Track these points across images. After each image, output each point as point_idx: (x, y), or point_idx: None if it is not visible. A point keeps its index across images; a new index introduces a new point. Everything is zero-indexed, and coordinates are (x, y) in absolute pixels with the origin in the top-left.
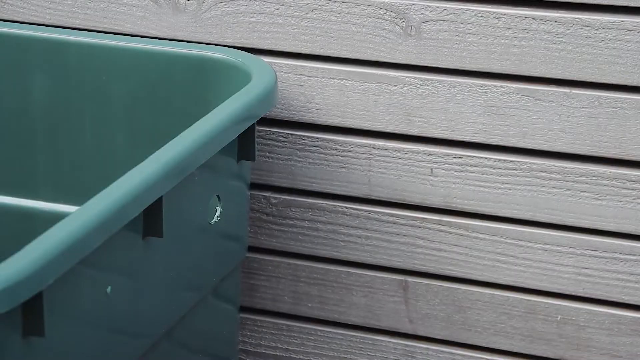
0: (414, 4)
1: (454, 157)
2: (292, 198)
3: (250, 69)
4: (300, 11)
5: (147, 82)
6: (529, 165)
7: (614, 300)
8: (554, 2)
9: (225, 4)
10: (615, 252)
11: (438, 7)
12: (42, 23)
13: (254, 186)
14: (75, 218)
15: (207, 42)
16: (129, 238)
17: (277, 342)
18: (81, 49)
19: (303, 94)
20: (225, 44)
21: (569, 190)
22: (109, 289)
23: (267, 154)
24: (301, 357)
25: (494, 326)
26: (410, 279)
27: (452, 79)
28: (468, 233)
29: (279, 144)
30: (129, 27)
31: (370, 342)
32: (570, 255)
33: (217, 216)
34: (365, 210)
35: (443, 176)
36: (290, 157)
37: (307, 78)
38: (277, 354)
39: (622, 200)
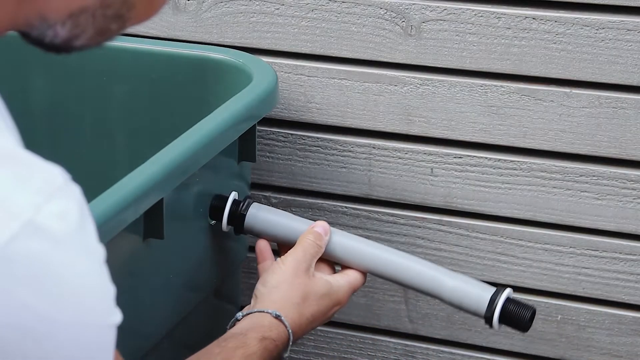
0: (414, 4)
1: (454, 157)
2: (292, 198)
3: (251, 69)
4: (300, 11)
5: (147, 82)
6: (529, 165)
7: (614, 300)
8: (554, 2)
9: (225, 4)
10: (615, 252)
11: (438, 7)
12: None
13: (255, 186)
14: None
15: (207, 42)
16: (130, 240)
17: None
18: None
19: (303, 94)
20: (225, 44)
21: (569, 190)
22: None
23: (268, 154)
24: (301, 357)
25: None
26: None
27: (452, 79)
28: (468, 233)
29: (279, 144)
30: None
31: (370, 342)
32: (570, 255)
33: None
34: (366, 210)
35: (443, 176)
36: (291, 157)
37: (307, 78)
38: None
39: (622, 200)
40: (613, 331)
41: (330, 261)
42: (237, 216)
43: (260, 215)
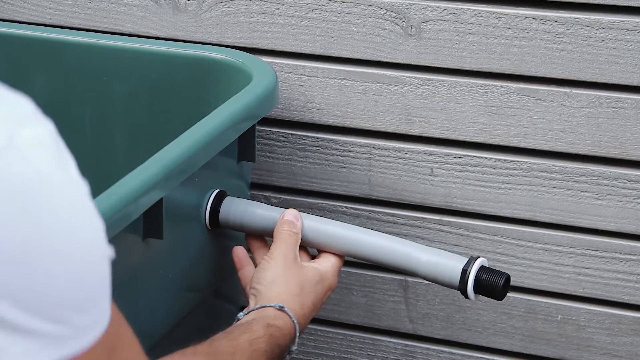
0: (414, 4)
1: (454, 157)
2: (293, 198)
3: (251, 69)
4: (300, 11)
5: (147, 82)
6: (529, 165)
7: (614, 300)
8: (554, 2)
9: (226, 4)
10: (615, 252)
11: (438, 7)
12: (42, 23)
13: (255, 186)
14: None
15: (207, 42)
16: (129, 240)
17: None
18: (81, 49)
19: (303, 94)
20: (225, 44)
21: (569, 190)
22: None
23: (268, 154)
24: (301, 357)
25: (494, 326)
26: (410, 278)
27: (452, 79)
28: (468, 233)
29: (279, 144)
30: (129, 27)
31: (370, 342)
32: (570, 255)
33: None
34: (366, 210)
35: (443, 176)
36: (291, 157)
37: (307, 78)
38: None
39: (622, 200)
40: (613, 331)
41: (304, 246)
42: (211, 212)
43: (233, 208)
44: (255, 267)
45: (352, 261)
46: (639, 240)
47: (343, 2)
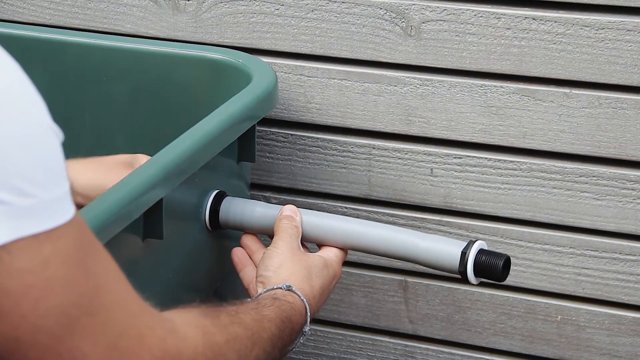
0: (414, 4)
1: (454, 157)
2: (292, 198)
3: (251, 69)
4: (300, 11)
5: (147, 83)
6: (529, 165)
7: (614, 300)
8: (554, 2)
9: (225, 4)
10: (615, 252)
11: (438, 7)
12: (42, 23)
13: (254, 186)
14: None
15: (207, 42)
16: (129, 240)
17: None
18: (81, 50)
19: (303, 94)
20: (225, 44)
21: (569, 190)
22: None
23: (267, 154)
24: (301, 357)
25: (494, 326)
26: (410, 279)
27: (452, 79)
28: (468, 233)
29: (279, 144)
30: (129, 27)
31: (370, 342)
32: (570, 255)
33: None
34: (365, 211)
35: (443, 176)
36: (290, 157)
37: (307, 78)
38: None
39: (622, 200)
40: (613, 331)
41: (304, 243)
42: (211, 212)
43: (232, 208)
44: (256, 267)
45: (352, 261)
46: (639, 240)
47: (343, 2)
